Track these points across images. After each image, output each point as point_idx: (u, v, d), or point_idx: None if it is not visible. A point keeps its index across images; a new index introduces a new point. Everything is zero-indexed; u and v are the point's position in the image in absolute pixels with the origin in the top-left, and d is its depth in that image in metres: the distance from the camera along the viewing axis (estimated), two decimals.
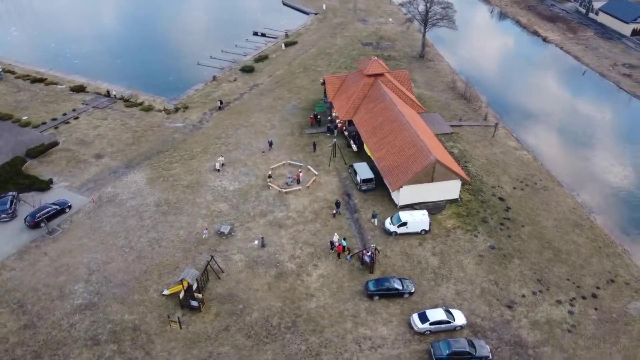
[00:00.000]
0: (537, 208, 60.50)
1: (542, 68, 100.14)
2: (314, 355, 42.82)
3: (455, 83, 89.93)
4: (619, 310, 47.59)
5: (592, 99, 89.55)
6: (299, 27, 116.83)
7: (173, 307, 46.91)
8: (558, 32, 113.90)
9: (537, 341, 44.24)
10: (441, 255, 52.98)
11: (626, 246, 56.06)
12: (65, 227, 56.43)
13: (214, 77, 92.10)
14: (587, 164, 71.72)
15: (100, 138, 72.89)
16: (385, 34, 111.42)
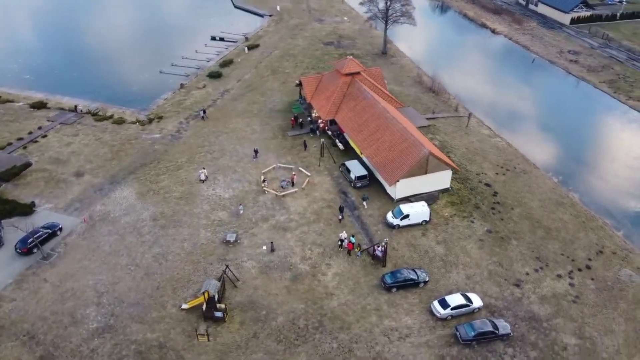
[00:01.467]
0: (521, 191, 64.27)
1: (496, 58, 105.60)
2: (347, 352, 43.75)
3: (421, 77, 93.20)
4: (612, 278, 51.74)
5: (546, 84, 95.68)
6: (256, 29, 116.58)
7: (196, 320, 46.27)
8: (504, 23, 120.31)
9: (549, 314, 47.40)
10: (445, 243, 55.31)
11: (605, 219, 60.65)
12: (61, 251, 54.00)
13: (181, 85, 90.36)
14: (554, 144, 76.67)
15: (76, 155, 69.92)
16: (344, 33, 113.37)
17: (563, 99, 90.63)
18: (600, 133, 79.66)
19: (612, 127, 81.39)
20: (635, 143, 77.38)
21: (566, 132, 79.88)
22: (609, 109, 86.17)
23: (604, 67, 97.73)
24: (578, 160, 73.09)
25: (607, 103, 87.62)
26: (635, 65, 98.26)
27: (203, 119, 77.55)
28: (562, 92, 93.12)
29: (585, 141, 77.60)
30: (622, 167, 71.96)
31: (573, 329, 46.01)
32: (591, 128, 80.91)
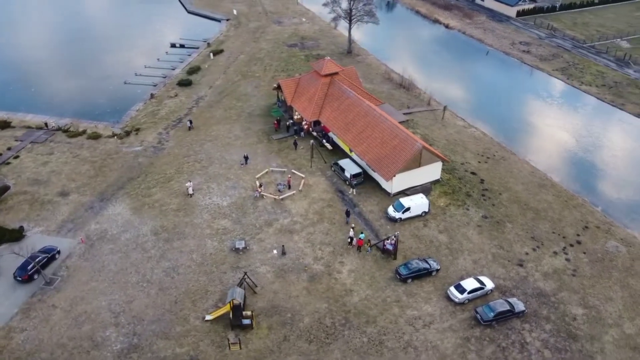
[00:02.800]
0: (505, 176, 68.02)
1: (455, 52, 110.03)
2: (378, 344, 45.12)
3: (389, 74, 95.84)
4: (601, 250, 56.06)
5: (506, 74, 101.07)
6: (216, 34, 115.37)
7: (223, 330, 46.15)
8: (456, 18, 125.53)
9: (554, 289, 50.84)
10: (447, 232, 57.84)
11: (584, 197, 65.35)
12: (64, 275, 52.01)
13: (151, 95, 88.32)
14: (524, 130, 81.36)
15: (56, 174, 67.12)
16: (306, 34, 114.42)
17: (524, 87, 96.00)
18: (563, 117, 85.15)
19: (573, 111, 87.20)
20: (593, 124, 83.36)
21: (533, 118, 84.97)
22: (566, 95, 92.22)
23: (554, 56, 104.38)
24: (548, 143, 78.00)
25: (563, 89, 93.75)
26: (582, 53, 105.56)
27: (190, 129, 76.32)
28: (522, 81, 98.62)
29: (551, 125, 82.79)
30: (586, 146, 77.39)
31: (578, 300, 49.65)
32: (555, 113, 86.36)
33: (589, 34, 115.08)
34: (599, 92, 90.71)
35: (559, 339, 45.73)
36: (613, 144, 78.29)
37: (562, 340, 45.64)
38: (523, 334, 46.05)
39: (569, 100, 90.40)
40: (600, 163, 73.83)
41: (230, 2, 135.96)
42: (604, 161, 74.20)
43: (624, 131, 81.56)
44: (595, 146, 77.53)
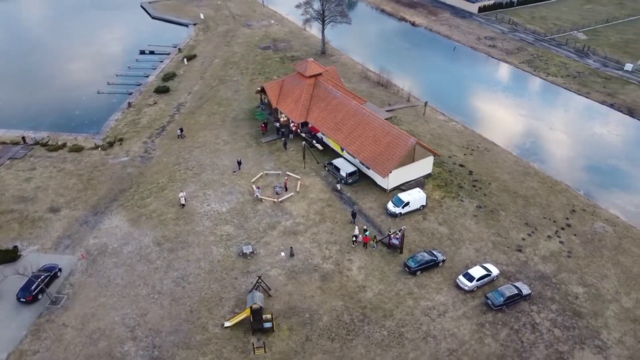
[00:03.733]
0: (491, 167, 70.73)
1: (423, 49, 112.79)
2: (398, 336, 46.34)
3: (366, 73, 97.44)
4: (590, 231, 59.36)
5: (476, 68, 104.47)
6: (185, 39, 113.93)
7: (244, 335, 46.20)
8: (421, 16, 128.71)
9: (553, 271, 53.55)
10: (446, 224, 59.77)
11: (566, 182, 68.82)
12: (69, 292, 50.61)
13: (129, 104, 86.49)
14: (502, 121, 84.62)
15: (43, 190, 64.95)
16: (277, 36, 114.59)
17: (495, 80, 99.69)
18: (536, 107, 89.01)
19: (543, 102, 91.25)
20: (563, 112, 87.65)
21: (508, 110, 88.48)
22: (536, 86, 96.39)
23: (519, 49, 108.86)
24: (525, 133, 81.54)
25: (532, 80, 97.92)
26: (544, 46, 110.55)
27: (180, 137, 75.27)
28: (492, 74, 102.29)
29: (525, 116, 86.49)
30: (560, 133, 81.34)
31: (577, 280, 52.50)
32: (527, 104, 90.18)
33: (547, 27, 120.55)
34: (564, 82, 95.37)
35: (566, 317, 48.29)
36: (584, 130, 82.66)
37: (568, 318, 48.22)
38: (532, 316, 48.35)
39: (539, 91, 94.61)
40: (574, 149, 77.81)
41: (195, 6, 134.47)
42: (577, 147, 78.26)
43: (592, 118, 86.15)
44: (568, 133, 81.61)
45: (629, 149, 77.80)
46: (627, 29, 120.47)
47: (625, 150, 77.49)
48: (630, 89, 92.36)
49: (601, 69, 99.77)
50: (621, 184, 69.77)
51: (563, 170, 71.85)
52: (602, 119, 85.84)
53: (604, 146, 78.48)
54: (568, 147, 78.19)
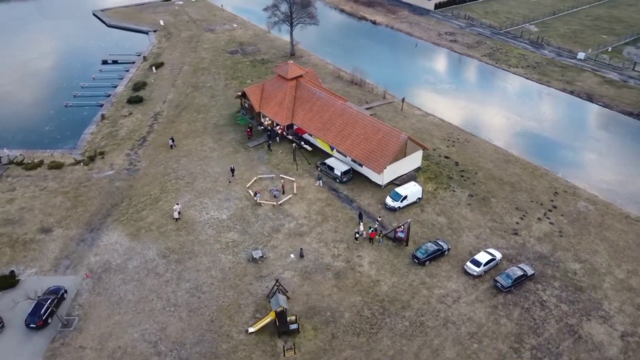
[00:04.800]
0: (474, 157, 73.81)
1: (388, 46, 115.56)
2: (419, 325, 47.95)
3: (338, 73, 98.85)
4: (574, 211, 63.29)
5: (440, 63, 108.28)
6: (148, 47, 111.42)
7: (270, 339, 46.41)
8: (381, 14, 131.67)
9: (550, 250, 56.84)
10: (444, 214, 62.06)
11: (544, 166, 72.86)
12: (80, 313, 49.02)
13: (102, 116, 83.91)
14: (475, 113, 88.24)
15: (28, 211, 62.24)
16: (243, 40, 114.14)
17: (461, 74, 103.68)
18: (503, 98, 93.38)
19: (509, 92, 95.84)
20: (529, 101, 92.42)
21: (478, 101, 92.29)
22: (500, 77, 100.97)
23: (479, 43, 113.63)
24: (498, 122, 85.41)
25: (496, 73, 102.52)
26: (501, 39, 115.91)
27: (172, 147, 73.85)
28: (458, 68, 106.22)
29: (495, 105, 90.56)
30: (529, 121, 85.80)
31: (572, 257, 55.99)
32: (495, 95, 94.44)
33: (500, 21, 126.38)
34: (526, 73, 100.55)
35: (569, 292, 51.50)
36: (550, 116, 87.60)
37: (571, 293, 51.45)
38: (539, 294, 51.24)
39: (504, 82, 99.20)
40: (545, 134, 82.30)
41: (152, 12, 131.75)
42: (547, 132, 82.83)
43: (556, 105, 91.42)
44: (537, 120, 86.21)
45: (593, 132, 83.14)
46: (572, 20, 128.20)
47: (590, 133, 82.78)
48: (586, 76, 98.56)
49: (557, 59, 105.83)
50: (592, 164, 74.59)
51: (539, 155, 75.78)
52: (564, 104, 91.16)
53: (571, 130, 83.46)
54: (538, 133, 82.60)
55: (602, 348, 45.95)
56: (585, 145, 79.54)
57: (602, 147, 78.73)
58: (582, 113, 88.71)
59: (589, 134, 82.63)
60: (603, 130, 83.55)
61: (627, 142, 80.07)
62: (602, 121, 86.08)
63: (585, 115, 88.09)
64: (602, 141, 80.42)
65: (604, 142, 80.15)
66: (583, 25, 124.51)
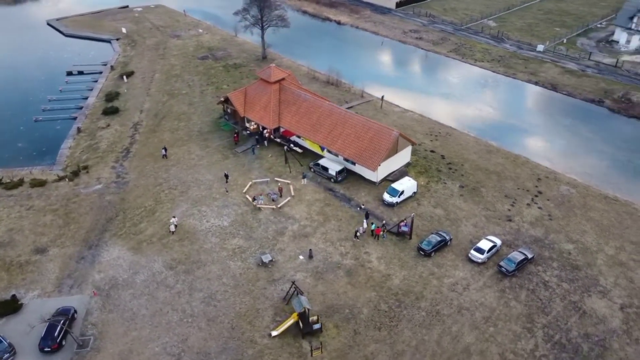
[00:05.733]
0: (457, 149, 76.53)
1: (356, 46, 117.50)
2: (435, 314, 49.63)
3: (313, 74, 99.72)
4: (558, 195, 66.82)
5: (410, 60, 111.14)
6: (113, 55, 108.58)
7: (294, 340, 46.84)
8: (344, 14, 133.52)
9: (544, 233, 59.97)
10: (440, 206, 64.20)
11: (524, 155, 76.44)
12: (94, 333, 47.74)
13: (78, 129, 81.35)
14: (449, 106, 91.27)
15: (18, 232, 59.79)
16: (211, 45, 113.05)
17: (432, 69, 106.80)
18: (475, 91, 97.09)
19: (480, 85, 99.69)
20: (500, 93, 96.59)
21: (451, 95, 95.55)
22: (468, 72, 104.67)
23: (443, 39, 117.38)
24: (473, 115, 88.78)
25: (464, 67, 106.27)
26: (463, 34, 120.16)
27: (164, 157, 72.48)
28: (427, 64, 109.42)
29: (469, 98, 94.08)
30: (502, 112, 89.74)
31: (564, 239, 59.31)
32: (467, 88, 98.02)
33: (460, 17, 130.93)
34: (492, 66, 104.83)
35: (567, 271, 54.63)
36: (521, 106, 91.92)
37: (569, 272, 54.59)
38: (541, 275, 54.08)
39: (474, 76, 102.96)
40: (518, 124, 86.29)
41: (111, 20, 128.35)
42: (521, 122, 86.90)
43: (525, 95, 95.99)
44: (510, 111, 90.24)
45: (562, 119, 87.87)
46: (525, 14, 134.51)
47: (560, 120, 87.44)
48: (547, 67, 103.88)
49: (518, 52, 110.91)
50: (566, 150, 78.93)
51: (517, 144, 79.45)
52: (531, 95, 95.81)
53: (543, 119, 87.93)
54: (512, 123, 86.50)
55: (606, 320, 49.11)
56: (558, 132, 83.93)
57: (573, 134, 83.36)
58: (549, 102, 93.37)
59: (560, 121, 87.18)
60: (570, 117, 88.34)
61: (593, 128, 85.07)
62: (568, 109, 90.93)
63: (553, 104, 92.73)
64: (571, 128, 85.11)
65: (574, 129, 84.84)
66: (536, 19, 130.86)
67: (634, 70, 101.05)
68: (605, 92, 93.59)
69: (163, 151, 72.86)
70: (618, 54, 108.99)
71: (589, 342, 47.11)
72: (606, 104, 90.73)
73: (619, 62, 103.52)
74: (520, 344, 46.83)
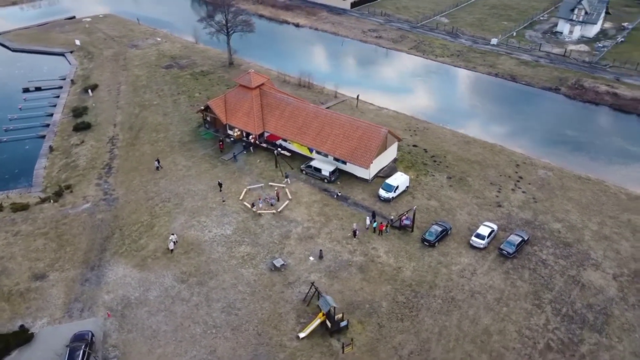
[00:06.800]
0: (437, 142, 79.68)
1: (320, 47, 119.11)
2: (451, 301, 51.95)
3: (284, 77, 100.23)
4: (538, 179, 71.21)
5: (373, 59, 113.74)
6: (71, 69, 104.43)
7: (323, 340, 47.66)
8: (302, 17, 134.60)
9: (532, 216, 63.82)
10: (433, 198, 66.80)
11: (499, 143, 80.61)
12: (117, 354, 46.53)
13: (51, 148, 77.98)
14: (421, 102, 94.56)
15: (10, 260, 57.01)
16: (173, 53, 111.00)
17: (397, 67, 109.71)
18: (442, 86, 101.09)
19: (446, 80, 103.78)
20: (466, 86, 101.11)
21: (421, 91, 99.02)
22: (432, 68, 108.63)
23: (402, 37, 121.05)
24: (445, 108, 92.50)
25: (427, 63, 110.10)
26: (420, 32, 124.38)
27: (158, 169, 70.76)
28: (390, 62, 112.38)
29: (438, 93, 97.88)
30: (471, 104, 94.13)
31: (552, 219, 63.40)
32: (434, 84, 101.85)
33: (413, 15, 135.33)
34: (453, 62, 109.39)
35: (561, 249, 58.57)
36: (486, 98, 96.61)
37: (562, 249, 58.55)
38: (538, 255, 57.69)
39: (438, 71, 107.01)
40: (488, 115, 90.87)
41: (59, 32, 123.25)
42: (489, 113, 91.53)
43: (488, 87, 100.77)
44: (478, 103, 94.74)
45: (527, 108, 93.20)
46: (473, 10, 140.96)
47: (525, 109, 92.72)
48: (504, 59, 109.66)
49: (474, 46, 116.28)
50: (537, 137, 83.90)
51: (490, 134, 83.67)
52: (493, 87, 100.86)
53: (509, 109, 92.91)
54: (482, 115, 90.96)
55: (604, 290, 53.21)
56: (526, 120, 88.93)
57: (539, 123, 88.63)
58: (512, 93, 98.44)
59: (525, 110, 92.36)
60: (533, 105, 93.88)
61: (556, 114, 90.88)
62: (530, 98, 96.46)
63: (515, 94, 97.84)
64: (536, 115, 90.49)
65: (539, 116, 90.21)
66: (484, 14, 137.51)
67: (581, 59, 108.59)
68: (560, 80, 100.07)
69: (156, 163, 71.30)
70: (563, 43, 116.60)
71: (593, 311, 50.93)
72: (562, 91, 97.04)
73: (567, 52, 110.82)
74: (533, 319, 49.92)
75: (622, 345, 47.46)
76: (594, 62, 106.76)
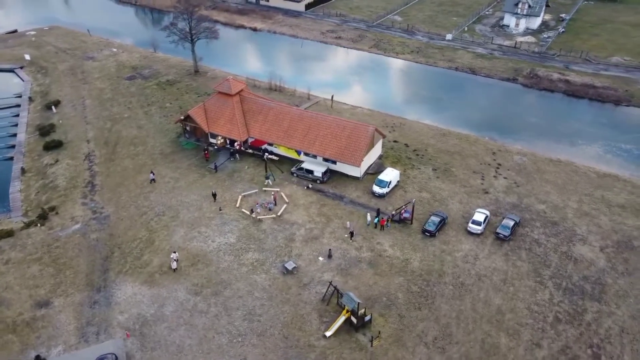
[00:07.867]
0: (416, 137, 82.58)
1: (281, 50, 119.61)
2: (461, 286, 54.52)
3: (254, 82, 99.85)
4: (514, 164, 75.46)
5: (335, 59, 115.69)
6: (25, 85, 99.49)
7: (349, 335, 48.82)
8: (258, 21, 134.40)
9: (517, 199, 67.74)
10: (424, 190, 69.39)
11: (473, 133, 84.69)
12: None
13: (22, 170, 74.33)
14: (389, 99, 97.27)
15: (6, 290, 54.40)
16: (133, 64, 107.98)
17: (361, 66, 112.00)
18: (407, 82, 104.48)
19: (410, 77, 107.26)
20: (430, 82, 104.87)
21: (388, 89, 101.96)
22: (394, 65, 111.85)
23: (361, 37, 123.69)
24: (415, 104, 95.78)
25: (389, 61, 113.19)
26: (377, 30, 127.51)
27: (152, 182, 68.84)
28: (354, 61, 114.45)
29: (406, 89, 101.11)
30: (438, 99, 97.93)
31: (535, 201, 67.58)
32: (400, 81, 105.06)
33: (367, 15, 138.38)
34: (414, 58, 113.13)
35: (549, 228, 62.66)
36: (451, 91, 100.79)
37: (551, 228, 62.68)
38: (531, 235, 61.48)
39: (401, 69, 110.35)
40: (456, 107, 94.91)
41: (3, 47, 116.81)
42: (457, 106, 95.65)
43: (450, 81, 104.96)
44: (444, 96, 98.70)
45: (489, 98, 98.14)
46: (423, 8, 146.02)
47: (489, 99, 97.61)
48: (461, 53, 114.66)
49: (431, 42, 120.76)
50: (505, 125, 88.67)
51: (463, 125, 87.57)
52: (457, 81, 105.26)
53: (474, 99, 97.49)
54: (450, 108, 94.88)
55: (594, 262, 57.59)
56: (492, 109, 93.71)
57: (501, 112, 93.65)
58: (474, 85, 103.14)
59: (489, 100, 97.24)
60: (495, 95, 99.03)
61: (518, 101, 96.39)
62: (491, 89, 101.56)
63: (477, 86, 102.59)
64: (500, 104, 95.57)
65: (502, 106, 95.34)
66: (434, 10, 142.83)
67: (530, 50, 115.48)
68: (515, 71, 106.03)
69: (151, 175, 69.61)
70: (512, 36, 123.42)
71: (589, 282, 55.07)
72: (519, 81, 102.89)
73: (517, 44, 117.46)
74: (539, 295, 53.37)
75: (621, 311, 51.69)
76: (542, 52, 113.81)
